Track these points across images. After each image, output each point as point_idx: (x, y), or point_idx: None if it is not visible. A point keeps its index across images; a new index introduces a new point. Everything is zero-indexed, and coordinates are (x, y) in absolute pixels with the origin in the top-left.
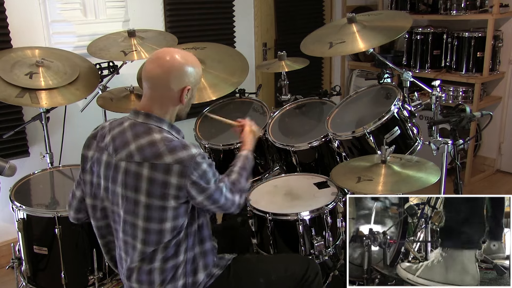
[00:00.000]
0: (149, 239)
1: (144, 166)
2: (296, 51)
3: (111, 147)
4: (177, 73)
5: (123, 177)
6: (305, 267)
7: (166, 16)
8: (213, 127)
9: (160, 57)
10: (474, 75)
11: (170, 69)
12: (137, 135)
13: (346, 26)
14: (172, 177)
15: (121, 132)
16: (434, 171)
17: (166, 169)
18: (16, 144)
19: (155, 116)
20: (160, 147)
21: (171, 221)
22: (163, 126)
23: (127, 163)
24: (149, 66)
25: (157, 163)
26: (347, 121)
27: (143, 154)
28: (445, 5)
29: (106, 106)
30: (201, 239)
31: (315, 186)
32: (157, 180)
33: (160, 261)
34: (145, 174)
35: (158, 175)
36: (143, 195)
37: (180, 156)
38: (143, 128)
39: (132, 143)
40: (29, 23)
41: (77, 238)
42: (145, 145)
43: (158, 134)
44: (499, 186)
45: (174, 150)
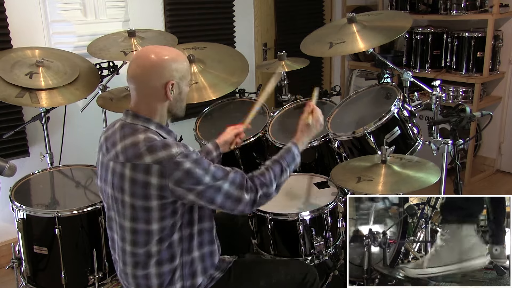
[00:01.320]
0: (137, 240)
1: (127, 167)
2: (296, 51)
3: (104, 147)
4: (156, 69)
5: (111, 178)
6: (304, 272)
7: (166, 16)
8: (213, 127)
9: (139, 56)
10: (474, 75)
11: (149, 66)
12: (124, 136)
13: (346, 26)
14: (152, 177)
15: (113, 133)
16: (434, 171)
17: (146, 169)
18: (16, 144)
19: (142, 116)
20: (141, 147)
21: (157, 222)
22: (150, 126)
23: (114, 163)
24: (130, 67)
25: (138, 164)
26: (347, 121)
27: (126, 154)
28: (445, 5)
29: (106, 106)
30: (201, 243)
31: (315, 186)
32: (139, 180)
33: (155, 265)
34: (127, 175)
35: (139, 175)
36: (127, 195)
37: (160, 156)
38: (130, 129)
39: (118, 144)
40: (29, 23)
41: (77, 238)
42: (128, 146)
43: (142, 135)
44: (499, 186)
45: (154, 150)
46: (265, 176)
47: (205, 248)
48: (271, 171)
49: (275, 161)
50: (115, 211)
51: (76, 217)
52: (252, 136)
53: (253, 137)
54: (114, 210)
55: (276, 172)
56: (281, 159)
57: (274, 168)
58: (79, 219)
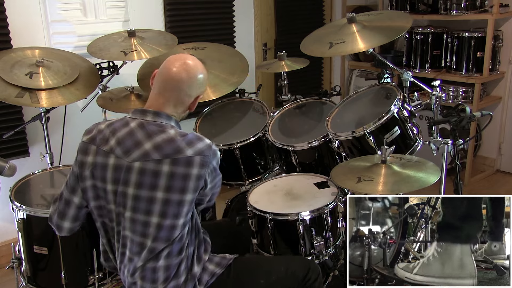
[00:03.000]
0: (160, 235)
1: (165, 163)
2: (296, 51)
3: (118, 149)
4: (199, 81)
5: (137, 177)
6: (307, 268)
7: (166, 16)
8: (213, 127)
9: (186, 62)
10: (474, 75)
11: (195, 76)
12: (149, 134)
13: (346, 26)
14: (193, 168)
15: (130, 133)
16: (434, 171)
17: (188, 161)
18: (16, 144)
19: (164, 114)
20: (179, 142)
21: (184, 216)
22: (171, 123)
23: (143, 163)
24: (175, 68)
25: (179, 158)
26: (347, 121)
27: (162, 151)
28: (445, 5)
29: (106, 106)
30: (198, 230)
31: (315, 186)
32: (178, 174)
33: (165, 258)
34: (166, 170)
35: (180, 168)
36: (161, 191)
37: (199, 147)
38: (155, 126)
39: (146, 143)
40: (29, 23)
41: (77, 238)
42: (162, 143)
43: (172, 130)
44: (499, 186)
45: (192, 142)
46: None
47: (200, 234)
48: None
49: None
50: (133, 209)
51: None
52: (252, 136)
53: (253, 137)
54: (131, 209)
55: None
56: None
57: None
58: None
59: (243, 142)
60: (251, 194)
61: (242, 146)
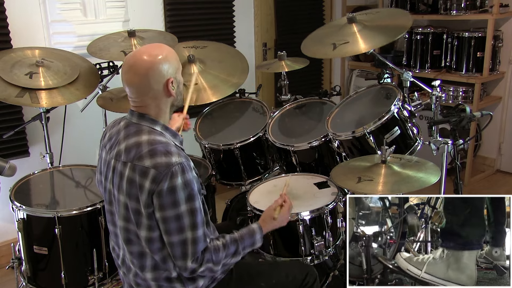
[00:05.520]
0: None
1: (127, 167)
2: (296, 51)
3: (108, 145)
4: (154, 73)
5: (112, 175)
6: (305, 273)
7: (166, 16)
8: (213, 127)
9: (131, 65)
10: (474, 75)
11: (145, 72)
12: (127, 135)
13: (346, 26)
14: (146, 181)
15: (117, 131)
16: (434, 171)
17: (143, 172)
18: (16, 144)
19: (149, 117)
20: (143, 148)
21: (146, 230)
22: (156, 127)
23: (115, 161)
24: (126, 77)
25: (137, 165)
26: (347, 121)
27: (128, 155)
28: (445, 5)
29: (106, 106)
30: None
31: (315, 186)
32: (135, 182)
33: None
34: (127, 175)
35: (136, 176)
36: (123, 195)
37: (158, 161)
38: (135, 128)
39: (122, 143)
40: (29, 23)
41: (77, 238)
42: (131, 146)
43: (146, 136)
44: (499, 186)
45: (154, 154)
46: (218, 254)
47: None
48: (226, 250)
49: (234, 241)
50: (110, 203)
51: (76, 217)
52: (252, 136)
53: (253, 137)
54: (108, 202)
55: (229, 252)
56: (240, 241)
57: (230, 247)
58: (79, 219)
59: (243, 142)
60: (251, 194)
61: (242, 146)
